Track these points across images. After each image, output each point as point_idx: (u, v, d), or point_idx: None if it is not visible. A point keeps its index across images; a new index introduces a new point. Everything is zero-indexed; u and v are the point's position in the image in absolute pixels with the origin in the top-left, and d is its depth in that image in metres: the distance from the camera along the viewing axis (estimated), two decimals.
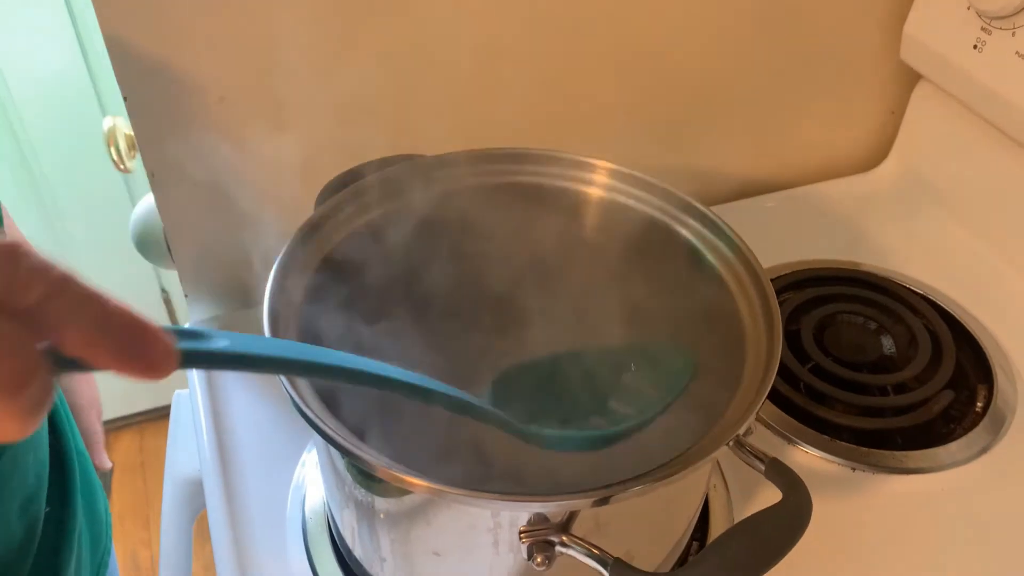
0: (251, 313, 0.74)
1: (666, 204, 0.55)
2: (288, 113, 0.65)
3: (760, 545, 0.39)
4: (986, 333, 0.72)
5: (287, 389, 0.42)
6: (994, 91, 0.71)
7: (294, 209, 0.56)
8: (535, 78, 0.73)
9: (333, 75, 0.64)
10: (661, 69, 0.76)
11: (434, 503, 0.43)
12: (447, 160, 0.57)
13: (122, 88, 0.62)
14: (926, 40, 0.78)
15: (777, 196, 0.87)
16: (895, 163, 0.88)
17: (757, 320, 0.48)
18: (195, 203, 0.68)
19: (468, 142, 0.57)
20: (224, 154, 0.65)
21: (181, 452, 0.72)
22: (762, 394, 0.43)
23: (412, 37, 0.67)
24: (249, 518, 0.60)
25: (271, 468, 0.63)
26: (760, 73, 0.80)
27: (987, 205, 0.79)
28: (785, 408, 0.66)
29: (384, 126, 0.68)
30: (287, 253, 0.51)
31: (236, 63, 0.63)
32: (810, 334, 0.70)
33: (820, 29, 0.79)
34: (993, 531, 0.59)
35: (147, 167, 0.66)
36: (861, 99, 0.87)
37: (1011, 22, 0.68)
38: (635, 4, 0.71)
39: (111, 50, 0.60)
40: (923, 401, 0.66)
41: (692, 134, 0.82)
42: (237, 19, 0.61)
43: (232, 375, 0.69)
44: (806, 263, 0.78)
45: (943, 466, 0.62)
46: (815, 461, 0.63)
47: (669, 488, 0.41)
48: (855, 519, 0.59)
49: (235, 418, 0.66)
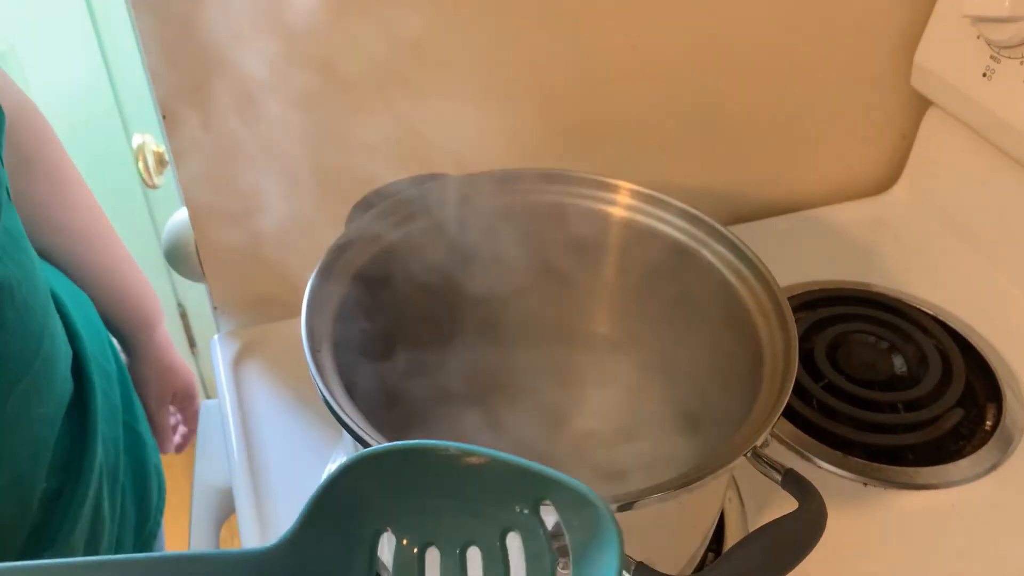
0: (280, 326, 0.76)
1: (687, 225, 0.57)
2: (320, 132, 0.67)
3: (778, 550, 0.41)
4: (995, 353, 0.74)
5: (321, 390, 0.44)
6: (1003, 119, 0.73)
7: (325, 225, 0.58)
8: (555, 100, 0.75)
9: (363, 99, 0.66)
10: (678, 93, 0.78)
11: None
12: (474, 180, 0.59)
13: (160, 104, 0.64)
14: (936, 68, 0.80)
15: (791, 218, 0.89)
16: (906, 187, 0.90)
17: (775, 338, 0.50)
18: (228, 217, 0.70)
19: (492, 162, 0.59)
20: (258, 170, 0.67)
21: (209, 461, 0.74)
22: (779, 408, 0.45)
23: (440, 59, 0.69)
24: (278, 525, 0.62)
25: (299, 476, 0.65)
26: (775, 98, 0.82)
27: (996, 228, 0.81)
28: (799, 424, 0.67)
29: (410, 147, 0.70)
30: (321, 271, 0.52)
31: (270, 82, 0.65)
32: (823, 352, 0.72)
33: (834, 55, 0.81)
34: (1002, 547, 0.61)
35: (181, 182, 0.68)
36: (873, 124, 0.89)
37: (1020, 51, 0.70)
38: (652, 29, 0.74)
39: (152, 70, 0.62)
40: (934, 419, 0.67)
41: (709, 157, 0.84)
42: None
43: (261, 384, 0.71)
44: (819, 283, 0.80)
45: (953, 482, 0.64)
46: (827, 476, 0.64)
47: (689, 496, 0.43)
48: (866, 533, 0.61)
49: (263, 427, 0.68)
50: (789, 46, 0.79)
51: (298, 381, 0.71)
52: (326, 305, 0.52)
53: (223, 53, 0.63)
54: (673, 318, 0.56)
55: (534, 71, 0.73)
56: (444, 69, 0.69)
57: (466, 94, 0.71)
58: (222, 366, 0.73)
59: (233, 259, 0.73)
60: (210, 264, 0.72)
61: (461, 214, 0.58)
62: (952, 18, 0.76)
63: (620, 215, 0.58)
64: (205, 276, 0.73)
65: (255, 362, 0.73)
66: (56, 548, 0.57)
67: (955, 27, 0.76)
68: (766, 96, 0.82)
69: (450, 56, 0.69)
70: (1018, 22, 0.68)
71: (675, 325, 0.56)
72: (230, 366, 0.73)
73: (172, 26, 0.61)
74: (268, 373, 0.72)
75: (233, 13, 0.61)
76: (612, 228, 0.59)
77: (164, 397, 0.85)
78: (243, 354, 0.74)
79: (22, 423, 0.55)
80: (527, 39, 0.71)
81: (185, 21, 0.60)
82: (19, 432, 0.55)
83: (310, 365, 0.46)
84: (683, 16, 0.74)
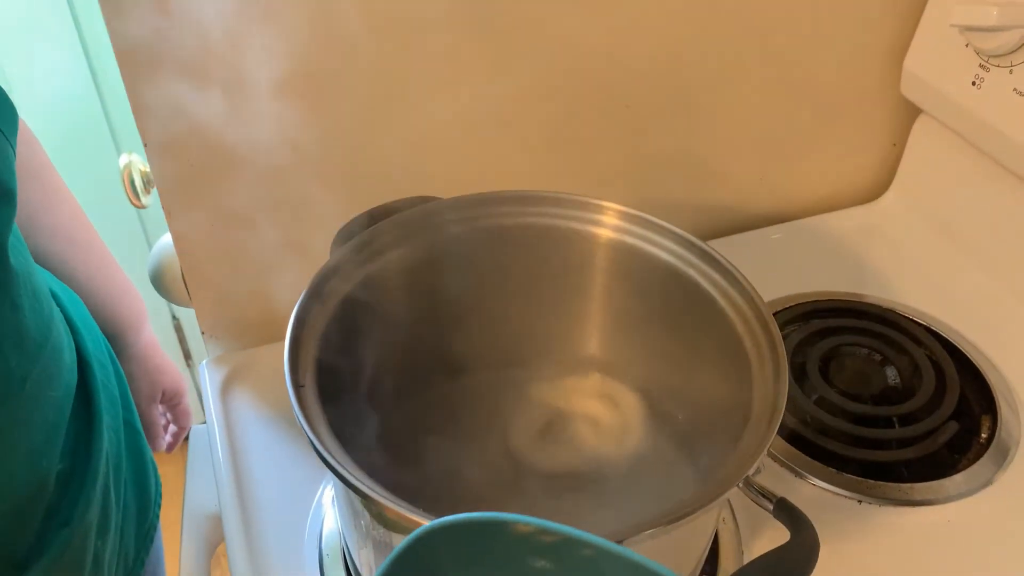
0: (269, 349, 0.75)
1: (673, 245, 0.56)
2: (304, 157, 0.66)
3: None
4: (989, 364, 0.73)
5: (308, 434, 0.44)
6: (992, 127, 0.73)
7: (311, 249, 0.57)
8: (535, 115, 0.74)
9: (345, 124, 0.66)
10: (664, 104, 0.78)
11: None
12: (459, 203, 0.59)
13: (142, 133, 0.63)
14: (925, 76, 0.79)
15: (781, 228, 0.88)
16: (897, 195, 0.90)
17: (764, 360, 0.50)
18: (214, 243, 0.69)
19: (477, 185, 0.59)
20: (244, 196, 0.67)
21: (198, 486, 0.74)
22: (770, 435, 0.45)
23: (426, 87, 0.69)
24: (267, 552, 0.61)
25: (288, 503, 0.64)
26: (764, 106, 0.82)
27: (988, 236, 0.81)
28: (791, 440, 0.67)
29: (397, 171, 0.69)
30: (306, 297, 0.52)
31: (251, 110, 0.65)
32: (815, 366, 0.72)
33: (823, 63, 0.81)
34: (999, 564, 0.60)
35: (165, 208, 0.67)
36: (863, 132, 0.89)
37: (1009, 60, 0.70)
38: (637, 40, 0.73)
39: (132, 99, 0.61)
40: (928, 433, 0.67)
41: (697, 167, 0.84)
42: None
43: (249, 409, 0.71)
44: (810, 295, 0.79)
45: (949, 498, 0.63)
46: (821, 494, 0.64)
47: (680, 529, 0.42)
48: (863, 553, 0.60)
49: (252, 453, 0.68)
50: (778, 54, 0.79)
51: (287, 406, 0.70)
52: (311, 334, 0.51)
53: (202, 77, 0.62)
54: (661, 340, 0.56)
55: (517, 88, 0.72)
56: (426, 93, 0.69)
57: (447, 117, 0.71)
58: (210, 392, 0.72)
59: (220, 285, 0.72)
60: (197, 290, 0.72)
61: (447, 238, 0.58)
62: (941, 26, 0.76)
63: (607, 236, 0.58)
64: (192, 302, 0.73)
65: (244, 387, 0.72)
66: (71, 526, 0.58)
67: (944, 35, 0.76)
68: (756, 106, 0.82)
69: (432, 80, 0.69)
70: (1007, 31, 0.68)
71: (663, 347, 0.56)
72: (218, 392, 0.72)
73: (149, 54, 0.60)
74: (257, 398, 0.72)
75: (210, 34, 0.60)
76: (599, 250, 0.58)
77: (153, 396, 0.86)
78: (231, 379, 0.73)
79: (39, 405, 0.56)
80: (509, 56, 0.70)
81: (160, 46, 0.60)
82: (37, 414, 0.56)
83: (295, 408, 0.45)
84: (668, 25, 0.73)
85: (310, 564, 0.60)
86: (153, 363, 0.85)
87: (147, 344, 0.84)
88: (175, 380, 0.89)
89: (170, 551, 0.85)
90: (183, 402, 0.91)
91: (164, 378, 0.87)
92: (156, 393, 0.86)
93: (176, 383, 0.89)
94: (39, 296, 0.58)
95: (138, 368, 0.84)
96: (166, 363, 0.87)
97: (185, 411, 0.92)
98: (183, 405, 0.91)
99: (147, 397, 0.85)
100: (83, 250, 0.77)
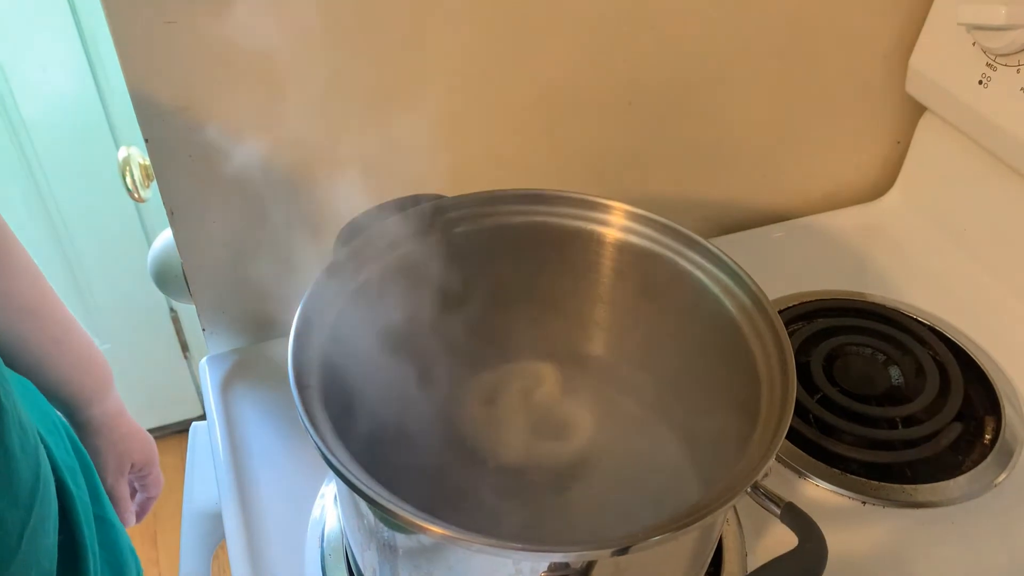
0: (268, 346, 0.75)
1: (679, 245, 0.56)
2: (306, 154, 0.66)
3: None
4: (993, 364, 0.73)
5: (313, 437, 0.43)
6: (998, 126, 0.72)
7: (315, 246, 0.57)
8: (540, 115, 0.74)
9: (349, 120, 0.65)
10: (669, 102, 0.78)
11: (456, 550, 0.43)
12: (464, 201, 0.58)
13: (143, 130, 0.63)
14: (931, 74, 0.79)
15: (784, 226, 0.88)
16: (900, 193, 0.89)
17: (771, 362, 0.49)
18: (215, 240, 0.69)
19: (480, 184, 0.58)
20: (244, 193, 0.66)
21: (199, 484, 0.73)
22: (778, 441, 0.44)
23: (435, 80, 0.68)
24: (268, 551, 0.61)
25: (289, 501, 0.64)
26: (769, 104, 0.81)
27: (993, 235, 0.80)
28: (795, 441, 0.67)
29: (401, 168, 0.69)
30: (310, 296, 0.51)
31: (253, 108, 0.64)
32: (819, 365, 0.71)
33: (828, 61, 0.81)
34: (1003, 566, 0.60)
35: (167, 205, 0.67)
36: (867, 129, 0.88)
37: (1016, 59, 0.69)
38: (642, 37, 0.73)
39: (134, 98, 0.61)
40: (932, 434, 0.66)
41: (700, 165, 0.83)
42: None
43: (250, 406, 0.70)
44: (814, 294, 0.79)
45: (953, 500, 0.63)
46: (826, 495, 0.63)
47: (686, 535, 0.42)
48: (867, 555, 0.60)
49: (253, 450, 0.67)
50: (783, 51, 0.78)
51: (288, 403, 0.70)
52: (315, 333, 0.51)
53: (204, 75, 0.62)
54: (667, 340, 0.55)
55: (521, 85, 0.72)
56: (429, 89, 0.68)
57: (450, 115, 0.70)
58: (211, 388, 0.72)
59: (221, 282, 0.71)
60: (198, 287, 0.71)
61: (452, 236, 0.58)
62: (948, 24, 0.76)
63: (613, 236, 0.57)
64: (193, 298, 0.72)
65: (245, 384, 0.72)
66: None
67: (951, 33, 0.75)
68: (760, 103, 0.81)
69: (434, 77, 0.68)
70: (1014, 30, 0.67)
71: (669, 347, 0.55)
72: (219, 388, 0.72)
73: (152, 48, 0.59)
74: (258, 394, 0.71)
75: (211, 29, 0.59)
76: (605, 249, 0.58)
77: (121, 469, 0.79)
78: (232, 376, 0.73)
79: (38, 559, 0.53)
80: (514, 53, 0.70)
81: (165, 43, 0.59)
82: (34, 570, 0.53)
83: (299, 410, 0.45)
84: (671, 23, 0.73)
85: (311, 563, 0.60)
86: (119, 433, 0.77)
87: (112, 413, 0.77)
88: (145, 449, 0.81)
89: (170, 549, 0.84)
90: (153, 472, 0.83)
91: (132, 448, 0.79)
92: (124, 466, 0.79)
93: (146, 452, 0.81)
94: (26, 427, 0.53)
95: (104, 441, 0.76)
96: (133, 430, 0.79)
97: (156, 480, 0.84)
98: (154, 475, 0.83)
99: (114, 471, 0.78)
100: (43, 318, 0.69)
